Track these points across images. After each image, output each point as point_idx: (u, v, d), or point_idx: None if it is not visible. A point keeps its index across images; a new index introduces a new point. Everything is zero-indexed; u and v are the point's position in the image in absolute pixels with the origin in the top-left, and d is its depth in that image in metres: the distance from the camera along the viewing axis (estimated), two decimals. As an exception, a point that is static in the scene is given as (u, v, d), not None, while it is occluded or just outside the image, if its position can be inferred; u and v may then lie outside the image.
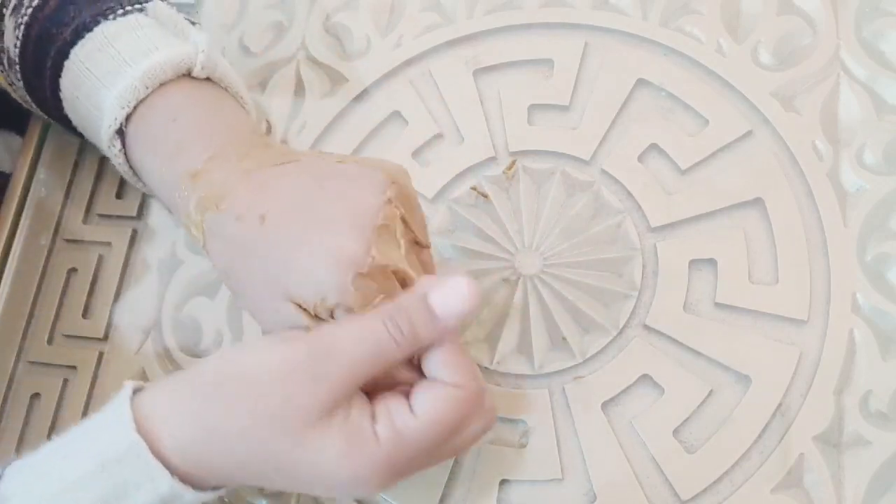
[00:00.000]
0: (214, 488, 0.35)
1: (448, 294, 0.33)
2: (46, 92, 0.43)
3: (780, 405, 0.39)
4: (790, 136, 0.44)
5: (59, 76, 0.42)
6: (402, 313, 0.33)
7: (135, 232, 0.49)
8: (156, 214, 0.49)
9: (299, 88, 0.50)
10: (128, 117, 0.40)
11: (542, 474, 0.40)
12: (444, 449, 0.34)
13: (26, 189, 0.50)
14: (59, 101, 0.43)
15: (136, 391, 0.34)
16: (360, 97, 0.49)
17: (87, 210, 0.50)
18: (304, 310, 0.34)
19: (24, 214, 0.50)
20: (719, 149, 0.44)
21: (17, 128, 0.53)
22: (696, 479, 0.38)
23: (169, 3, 0.44)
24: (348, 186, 0.36)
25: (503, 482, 0.40)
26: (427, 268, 0.37)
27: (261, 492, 0.41)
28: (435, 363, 0.34)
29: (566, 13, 0.49)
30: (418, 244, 0.37)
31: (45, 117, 0.47)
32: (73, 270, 0.48)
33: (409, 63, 0.49)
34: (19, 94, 0.46)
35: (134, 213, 0.49)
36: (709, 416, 0.39)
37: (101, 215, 0.50)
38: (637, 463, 0.39)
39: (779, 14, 0.47)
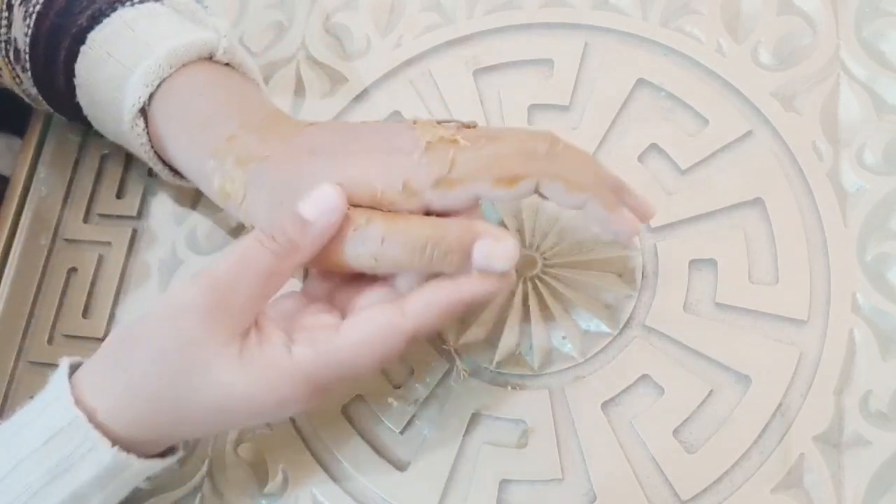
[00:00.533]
0: (163, 455, 0.36)
1: (313, 197, 0.34)
2: (59, 80, 0.43)
3: (780, 405, 0.39)
4: (790, 136, 0.44)
5: (75, 62, 0.42)
6: (276, 225, 0.34)
7: (135, 232, 0.49)
8: (156, 214, 0.49)
9: (299, 88, 0.50)
10: (150, 97, 0.41)
11: (542, 474, 0.40)
12: (371, 369, 0.35)
13: (26, 189, 0.50)
14: (73, 88, 0.43)
15: (73, 367, 0.35)
16: (360, 97, 0.49)
17: (87, 210, 0.50)
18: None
19: (23, 214, 0.50)
20: (719, 149, 0.44)
21: (19, 130, 0.53)
22: (696, 479, 0.38)
23: None
24: (376, 124, 0.40)
25: (503, 482, 0.40)
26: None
27: (261, 491, 0.41)
28: (403, 285, 0.35)
29: (566, 13, 0.49)
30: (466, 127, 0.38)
31: (50, 110, 0.47)
32: (73, 270, 0.48)
33: (409, 63, 0.49)
34: (23, 87, 0.46)
35: (134, 213, 0.49)
36: (709, 416, 0.39)
37: (101, 215, 0.50)
38: (637, 463, 0.39)
39: (779, 14, 0.47)
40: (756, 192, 0.43)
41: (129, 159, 0.50)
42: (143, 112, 0.41)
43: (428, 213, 0.36)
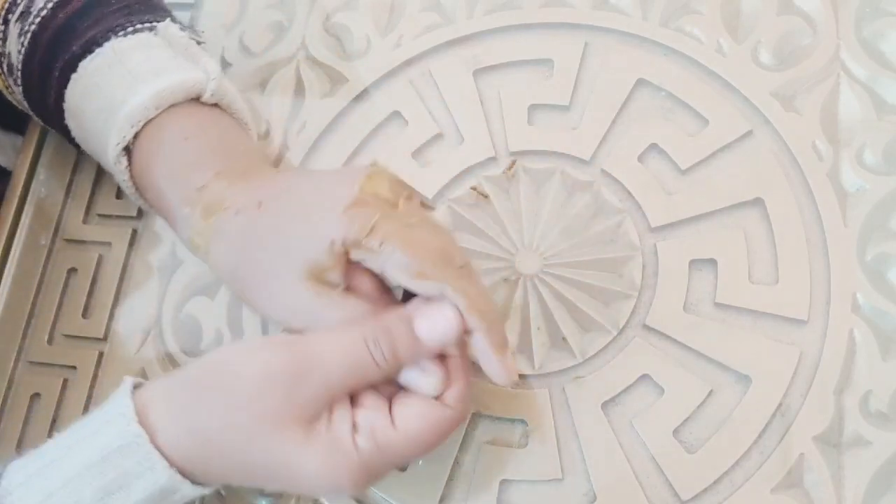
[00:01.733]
0: (209, 484, 0.36)
1: (435, 322, 0.34)
2: (49, 101, 0.43)
3: (780, 405, 0.39)
4: (790, 136, 0.44)
5: (65, 87, 0.42)
6: (386, 336, 0.34)
7: (135, 232, 0.49)
8: (156, 215, 0.49)
9: (299, 88, 0.50)
10: (136, 136, 0.41)
11: (542, 474, 0.40)
12: (425, 454, 0.35)
13: (26, 189, 0.50)
14: (62, 111, 0.43)
15: (135, 387, 0.35)
16: (360, 97, 0.49)
17: (87, 210, 0.50)
18: (318, 282, 0.35)
19: (24, 214, 0.50)
20: (719, 149, 0.44)
21: (20, 128, 0.53)
22: (696, 479, 0.38)
23: (180, 26, 0.44)
24: (333, 171, 0.41)
25: (503, 482, 0.40)
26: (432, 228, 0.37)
27: (261, 491, 0.41)
28: (432, 377, 0.35)
29: (566, 13, 0.49)
30: (422, 204, 0.38)
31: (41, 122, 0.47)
32: (73, 270, 0.48)
33: (409, 63, 0.49)
34: (16, 98, 0.46)
35: (134, 213, 0.49)
36: (709, 416, 0.39)
37: (101, 215, 0.50)
38: (637, 463, 0.39)
39: (779, 14, 0.47)
40: (756, 192, 0.43)
41: (129, 159, 0.50)
42: (128, 150, 0.41)
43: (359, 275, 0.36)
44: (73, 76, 0.42)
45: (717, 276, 0.42)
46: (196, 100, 0.42)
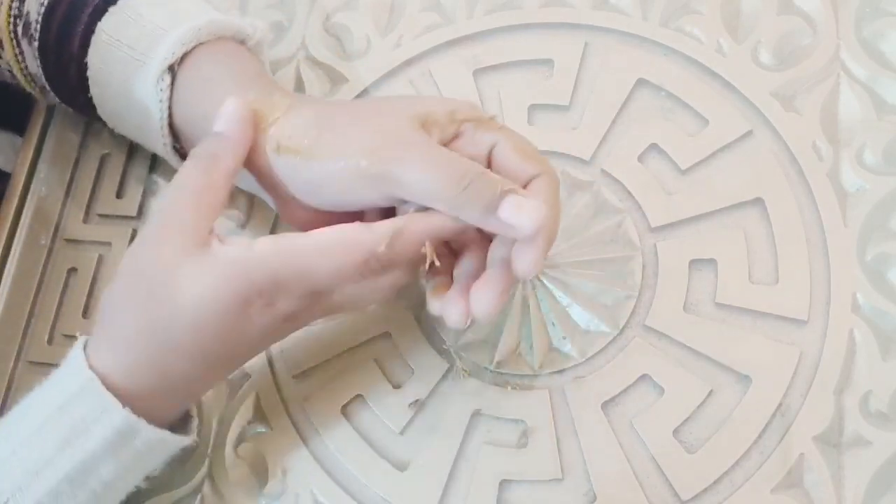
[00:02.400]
0: (175, 430, 0.37)
1: (222, 114, 0.38)
2: (74, 44, 0.42)
3: (780, 405, 0.39)
4: (790, 136, 0.44)
5: (99, 20, 0.42)
6: (199, 146, 0.38)
7: (135, 232, 0.49)
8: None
9: (299, 88, 0.50)
10: (182, 58, 0.41)
11: (542, 474, 0.40)
12: (343, 290, 0.35)
13: (26, 188, 0.50)
14: (85, 49, 0.42)
15: (87, 341, 0.36)
16: (360, 97, 0.49)
17: (87, 210, 0.50)
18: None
19: (24, 214, 0.50)
20: (719, 149, 0.44)
21: (20, 129, 0.53)
22: (696, 479, 0.38)
23: None
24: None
25: (503, 482, 0.40)
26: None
27: (261, 492, 0.41)
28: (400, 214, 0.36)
29: (566, 13, 0.49)
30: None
31: (42, 93, 0.46)
32: (73, 270, 0.48)
33: (409, 63, 0.49)
34: (23, 64, 0.45)
35: (134, 214, 0.49)
36: (709, 416, 0.39)
37: (101, 215, 0.50)
38: (637, 463, 0.39)
39: (779, 14, 0.47)
40: (756, 192, 0.43)
41: (129, 159, 0.50)
42: (171, 70, 0.41)
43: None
44: (112, 8, 0.42)
45: (717, 276, 0.42)
46: (241, 43, 0.43)
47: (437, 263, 0.36)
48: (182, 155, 0.44)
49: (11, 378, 0.47)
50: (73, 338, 0.47)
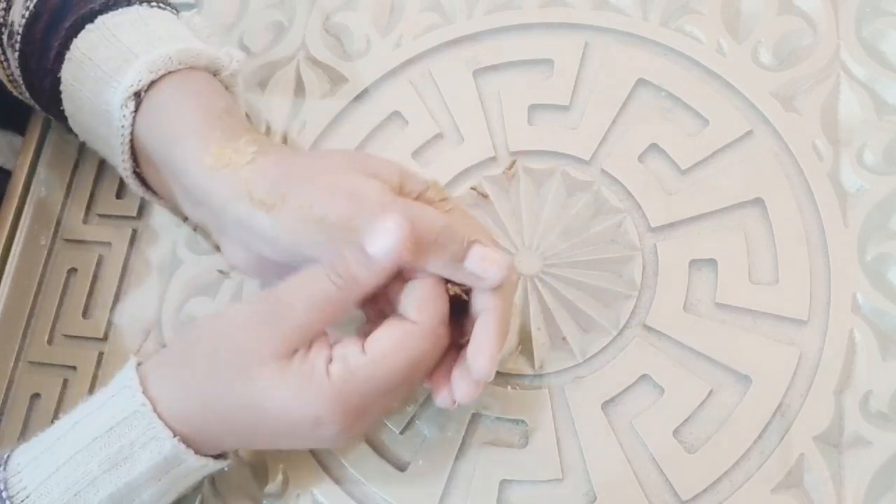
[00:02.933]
0: (215, 456, 0.37)
1: (378, 234, 0.34)
2: (51, 54, 0.42)
3: (780, 405, 0.39)
4: (790, 136, 0.44)
5: (75, 37, 0.42)
6: (340, 260, 0.35)
7: (135, 232, 0.49)
8: (156, 214, 0.49)
9: (299, 88, 0.50)
10: (150, 85, 0.40)
11: (542, 474, 0.40)
12: (402, 385, 0.35)
13: (26, 189, 0.50)
14: (60, 62, 0.42)
15: (138, 364, 0.37)
16: (360, 97, 0.49)
17: (87, 210, 0.50)
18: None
19: (24, 214, 0.50)
20: (719, 149, 0.44)
21: (20, 128, 0.53)
22: (696, 479, 0.38)
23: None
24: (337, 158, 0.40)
25: (503, 482, 0.40)
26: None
27: (261, 492, 0.41)
28: (402, 297, 0.36)
29: (566, 13, 0.49)
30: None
31: (27, 97, 0.47)
32: (73, 270, 0.48)
33: (409, 63, 0.49)
34: (8, 70, 0.45)
35: (134, 213, 0.49)
36: (709, 416, 0.39)
37: (101, 215, 0.50)
38: (637, 463, 0.39)
39: (779, 14, 0.47)
40: (756, 192, 0.43)
41: (129, 159, 0.50)
42: (137, 98, 0.41)
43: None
44: (89, 26, 0.42)
45: (717, 276, 0.42)
46: (214, 75, 0.42)
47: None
48: (142, 180, 0.44)
49: (11, 378, 0.47)
50: (73, 338, 0.47)
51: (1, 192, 0.50)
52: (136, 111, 0.41)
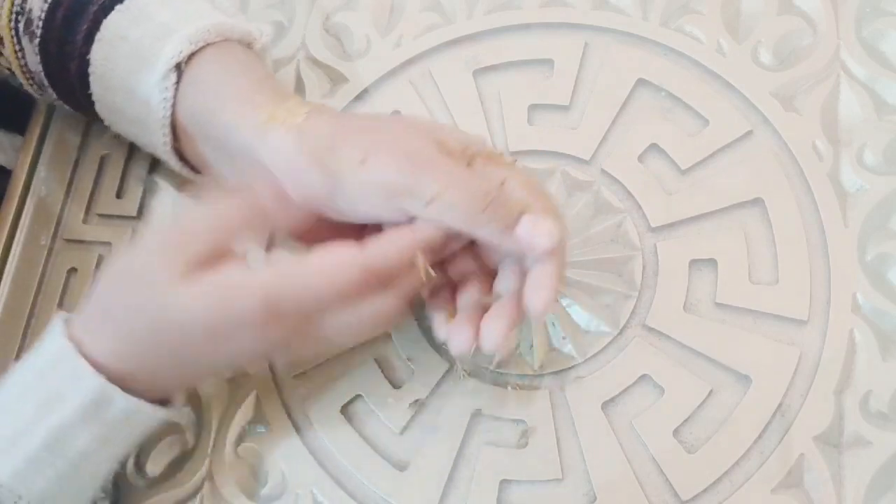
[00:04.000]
0: (148, 396, 0.36)
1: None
2: (78, 39, 0.42)
3: (780, 405, 0.39)
4: (790, 136, 0.44)
5: (104, 17, 0.42)
6: (243, 189, 0.36)
7: (135, 232, 0.48)
8: (156, 215, 0.49)
9: (299, 88, 0.50)
10: (189, 58, 0.41)
11: (542, 474, 0.40)
12: (337, 317, 0.35)
13: (26, 188, 0.50)
14: (89, 45, 0.42)
15: (66, 320, 0.37)
16: (360, 97, 0.49)
17: (87, 210, 0.50)
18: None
19: (24, 214, 0.50)
20: (719, 149, 0.44)
21: (21, 128, 0.53)
22: (696, 479, 0.38)
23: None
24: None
25: (503, 482, 0.40)
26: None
27: (261, 492, 0.41)
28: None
29: (566, 13, 0.49)
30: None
31: (40, 91, 0.46)
32: (72, 270, 0.48)
33: (409, 63, 0.49)
34: (23, 61, 0.45)
35: (134, 213, 0.49)
36: (709, 416, 0.39)
37: (101, 215, 0.50)
38: (637, 463, 0.39)
39: (779, 14, 0.47)
40: (756, 192, 0.43)
41: (128, 160, 0.50)
42: (178, 71, 0.41)
43: None
44: (119, 6, 0.42)
45: (717, 276, 0.42)
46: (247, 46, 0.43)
47: (433, 274, 0.36)
48: (180, 155, 0.44)
49: (11, 378, 0.47)
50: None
51: (1, 191, 0.50)
52: (177, 84, 0.41)
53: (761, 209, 0.43)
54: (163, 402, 0.38)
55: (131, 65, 0.41)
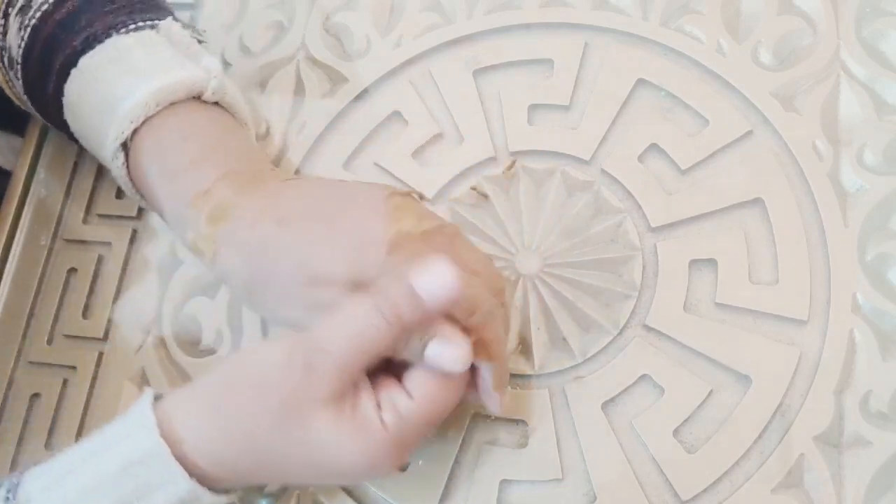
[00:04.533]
0: (231, 490, 0.36)
1: (432, 279, 0.34)
2: (48, 95, 0.43)
3: (780, 405, 0.39)
4: (790, 136, 0.44)
5: (65, 82, 0.42)
6: (388, 301, 0.34)
7: (135, 232, 0.49)
8: (155, 215, 0.49)
9: (299, 88, 0.50)
10: (134, 132, 0.41)
11: (542, 474, 0.40)
12: (442, 416, 0.36)
13: (26, 189, 0.50)
14: (61, 106, 0.43)
15: (156, 398, 0.35)
16: (360, 97, 0.49)
17: (87, 210, 0.50)
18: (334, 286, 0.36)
19: (24, 214, 0.50)
20: (719, 149, 0.44)
21: (20, 130, 0.53)
22: (696, 479, 0.38)
23: (182, 25, 0.44)
24: (354, 191, 0.39)
25: (503, 482, 0.40)
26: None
27: (260, 491, 0.41)
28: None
29: (566, 13, 0.49)
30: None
31: (40, 117, 0.47)
32: (72, 270, 0.48)
33: (409, 63, 0.49)
34: (15, 91, 0.46)
35: (134, 213, 0.49)
36: (709, 416, 0.39)
37: (101, 215, 0.50)
38: (637, 463, 0.39)
39: (779, 14, 0.47)
40: (756, 192, 0.43)
41: (129, 159, 0.50)
42: (125, 146, 0.41)
43: None
44: (74, 71, 0.42)
45: (717, 276, 0.42)
46: (197, 98, 0.42)
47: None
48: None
49: (11, 378, 0.47)
50: (73, 338, 0.47)
51: (1, 193, 0.50)
52: (126, 160, 0.42)
53: (761, 209, 0.43)
54: None
55: (92, 132, 0.43)
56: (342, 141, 0.48)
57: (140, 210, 0.49)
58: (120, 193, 0.50)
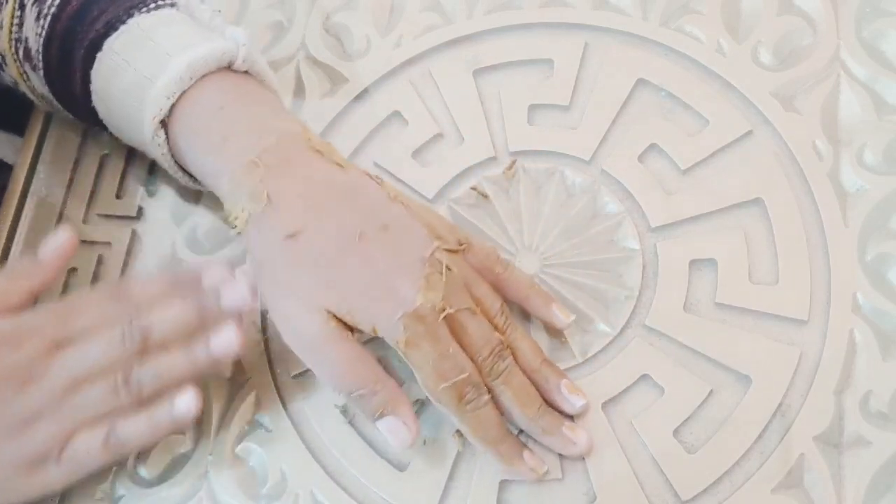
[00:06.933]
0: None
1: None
2: (75, 84, 0.43)
3: (780, 405, 0.39)
4: (790, 136, 0.44)
5: (91, 68, 0.42)
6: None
7: (134, 232, 0.48)
8: (156, 214, 0.49)
9: (299, 88, 0.50)
10: (171, 108, 0.41)
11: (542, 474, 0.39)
12: None
13: (26, 189, 0.50)
14: (88, 93, 0.43)
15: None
16: (360, 97, 0.49)
17: (87, 210, 0.50)
18: (341, 322, 0.38)
19: (23, 214, 0.50)
20: (719, 149, 0.44)
21: (20, 129, 0.53)
22: (696, 479, 0.38)
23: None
24: (397, 238, 0.38)
25: (503, 482, 0.40)
26: (509, 286, 0.40)
27: (261, 492, 0.41)
28: None
29: (566, 13, 0.49)
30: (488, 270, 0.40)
31: (53, 110, 0.47)
32: (73, 270, 0.48)
33: (409, 63, 0.49)
34: (30, 84, 0.46)
35: (134, 213, 0.49)
36: (709, 416, 0.39)
37: (100, 215, 0.50)
38: (637, 463, 0.39)
39: (779, 14, 0.47)
40: (756, 192, 0.43)
41: (128, 160, 0.50)
42: (164, 123, 0.41)
43: None
44: (99, 55, 0.42)
45: (717, 276, 0.42)
46: (228, 68, 0.42)
47: None
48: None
49: (11, 378, 0.47)
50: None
51: (3, 186, 0.50)
52: (167, 136, 0.42)
53: (761, 209, 0.43)
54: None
55: (126, 113, 0.42)
56: (342, 141, 0.48)
57: (140, 210, 0.49)
58: (120, 193, 0.50)
